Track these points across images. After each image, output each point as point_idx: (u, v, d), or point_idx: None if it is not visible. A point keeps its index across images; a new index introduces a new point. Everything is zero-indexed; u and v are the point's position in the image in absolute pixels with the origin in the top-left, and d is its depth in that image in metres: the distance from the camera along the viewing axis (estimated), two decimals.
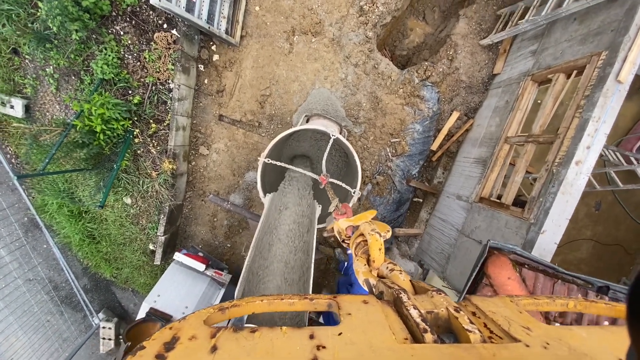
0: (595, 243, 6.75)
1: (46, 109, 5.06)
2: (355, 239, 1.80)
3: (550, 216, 3.64)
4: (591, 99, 3.60)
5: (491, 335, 0.86)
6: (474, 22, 5.69)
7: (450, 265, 5.12)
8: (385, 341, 0.78)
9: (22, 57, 4.86)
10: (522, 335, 0.83)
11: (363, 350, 0.74)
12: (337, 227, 2.16)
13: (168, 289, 4.61)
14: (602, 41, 3.74)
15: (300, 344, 0.74)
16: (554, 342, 0.81)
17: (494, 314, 0.94)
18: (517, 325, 0.88)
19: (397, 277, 1.28)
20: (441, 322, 0.94)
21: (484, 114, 5.61)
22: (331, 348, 0.73)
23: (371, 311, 0.93)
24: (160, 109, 4.93)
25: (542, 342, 0.80)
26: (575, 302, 1.09)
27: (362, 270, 1.52)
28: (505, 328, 0.87)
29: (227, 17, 4.86)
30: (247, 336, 0.77)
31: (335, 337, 0.78)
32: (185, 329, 0.78)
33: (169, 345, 0.72)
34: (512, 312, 0.97)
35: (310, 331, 0.79)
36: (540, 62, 4.66)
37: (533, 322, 0.91)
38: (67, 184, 5.25)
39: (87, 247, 5.72)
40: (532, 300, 1.07)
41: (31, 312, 5.65)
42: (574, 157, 3.57)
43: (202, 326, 0.80)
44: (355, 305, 0.95)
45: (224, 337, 0.76)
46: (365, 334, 0.80)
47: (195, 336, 0.76)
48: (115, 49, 4.57)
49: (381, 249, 1.52)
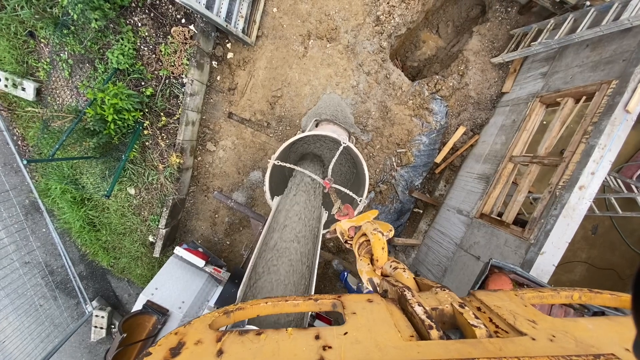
0: (590, 266, 6.83)
1: (57, 94, 5.07)
2: (358, 239, 1.81)
3: (550, 238, 3.70)
4: (599, 126, 3.66)
5: (497, 329, 0.86)
6: (486, 39, 5.76)
7: (447, 278, 5.16)
8: (391, 339, 0.78)
9: (38, 41, 4.87)
10: (527, 328, 0.83)
11: (369, 348, 0.74)
12: (339, 228, 2.15)
13: (166, 283, 4.61)
14: (613, 70, 3.81)
15: (306, 345, 0.74)
16: (560, 334, 0.81)
17: (499, 309, 0.94)
18: (522, 319, 0.88)
19: (401, 275, 1.28)
20: (446, 319, 0.95)
21: (490, 131, 5.67)
22: (337, 348, 0.73)
23: (376, 310, 0.93)
24: (172, 102, 4.95)
25: (548, 335, 0.80)
26: (580, 294, 1.08)
27: (365, 269, 1.53)
28: (510, 322, 0.87)
29: (245, 17, 4.90)
30: (252, 339, 0.76)
31: (341, 336, 0.78)
32: (191, 334, 0.78)
33: (175, 350, 0.72)
34: (517, 305, 0.96)
35: (315, 332, 0.79)
36: (550, 84, 4.73)
37: (538, 315, 0.90)
38: (72, 170, 5.25)
39: (87, 234, 5.71)
40: (537, 293, 1.07)
41: (25, 295, 5.63)
42: (578, 182, 3.63)
43: (208, 330, 0.80)
44: (360, 305, 0.95)
45: (229, 341, 0.76)
46: (371, 333, 0.80)
47: (201, 340, 0.76)
48: (132, 40, 4.60)
49: (384, 248, 1.52)
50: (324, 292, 6.25)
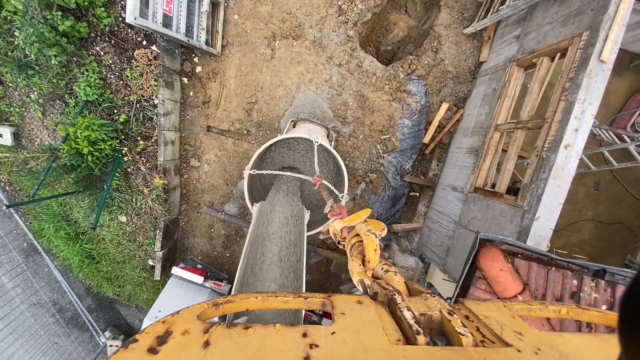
0: (597, 223, 6.67)
1: (34, 134, 5.09)
2: (351, 239, 1.80)
3: (543, 202, 3.60)
4: (575, 81, 3.55)
5: (483, 339, 0.87)
6: (455, 11, 5.63)
7: (450, 257, 5.09)
8: (378, 342, 0.78)
9: (6, 86, 4.89)
10: (514, 340, 0.83)
11: (356, 350, 0.74)
12: (332, 229, 2.14)
13: (169, 304, 4.63)
14: (583, 21, 3.68)
15: (293, 342, 0.74)
16: (545, 347, 0.81)
17: (487, 318, 0.95)
18: (509, 330, 0.88)
19: (392, 278, 1.28)
20: (434, 325, 0.95)
21: (473, 103, 5.56)
22: (324, 347, 0.73)
23: (365, 311, 0.93)
24: (147, 125, 4.93)
25: (533, 348, 0.80)
26: (568, 309, 1.09)
27: (357, 270, 1.52)
28: (497, 332, 0.87)
29: (206, 28, 4.85)
30: (240, 332, 0.76)
31: (329, 336, 0.78)
32: (179, 324, 0.78)
33: (161, 339, 0.72)
34: (505, 316, 0.97)
35: (303, 329, 0.79)
36: (524, 46, 4.61)
37: (525, 328, 0.91)
38: (62, 207, 5.28)
39: (87, 267, 5.75)
40: (525, 305, 1.08)
41: (37, 336, 5.70)
42: (563, 140, 3.53)
43: (196, 321, 0.80)
44: (350, 305, 0.95)
45: (217, 333, 0.76)
46: (359, 334, 0.80)
47: (188, 331, 0.76)
48: (97, 70, 4.58)
49: (376, 250, 1.52)
50: (330, 289, 6.21)
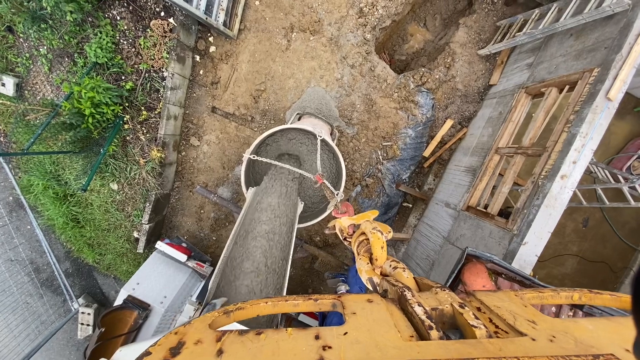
0: (581, 259, 6.77)
1: (37, 89, 5.02)
2: (357, 237, 1.80)
3: (532, 228, 3.65)
4: (580, 114, 3.61)
5: (497, 330, 0.86)
6: (473, 31, 5.70)
7: (434, 271, 5.12)
8: (391, 339, 0.78)
9: (17, 36, 4.82)
10: (527, 329, 0.83)
11: (369, 349, 0.74)
12: (339, 225, 2.18)
13: (148, 278, 4.58)
14: (596, 58, 3.75)
15: (306, 345, 0.75)
16: (560, 335, 0.81)
17: (499, 309, 0.94)
18: (522, 319, 0.88)
19: (401, 274, 1.28)
20: (446, 319, 0.95)
21: (477, 123, 5.62)
22: (337, 348, 0.74)
23: (376, 310, 0.94)
24: (153, 96, 4.90)
25: (548, 336, 0.80)
26: (580, 294, 1.08)
27: (365, 268, 1.52)
28: (510, 322, 0.87)
29: (226, 10, 4.84)
30: (252, 338, 0.77)
31: (341, 336, 0.78)
32: (191, 334, 0.78)
33: (174, 350, 0.72)
34: (517, 306, 0.97)
35: (315, 331, 0.79)
36: (535, 75, 4.67)
37: (538, 316, 0.91)
38: (54, 165, 5.21)
39: (71, 230, 5.67)
40: (537, 293, 1.07)
41: (10, 292, 5.60)
42: (560, 171, 3.58)
43: (207, 330, 0.80)
44: (360, 305, 0.96)
45: (229, 340, 0.76)
46: (371, 333, 0.80)
47: (201, 340, 0.76)
48: (111, 34, 4.55)
49: (383, 247, 1.51)
50: (311, 287, 6.21)
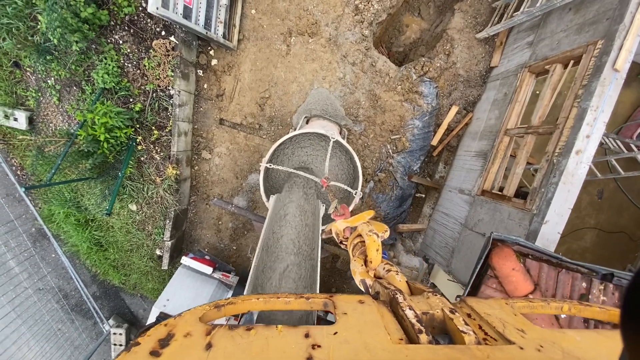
0: (599, 231, 6.75)
1: (49, 120, 5.12)
2: (353, 239, 1.80)
3: (552, 206, 3.66)
4: (589, 88, 3.62)
5: (486, 337, 0.87)
6: (469, 15, 5.70)
7: (455, 258, 5.15)
8: (381, 341, 0.78)
9: (24, 70, 4.92)
10: (516, 337, 0.84)
11: (358, 349, 0.74)
12: (334, 229, 2.14)
13: (177, 293, 4.66)
14: (598, 30, 3.75)
15: (296, 343, 0.74)
16: (547, 345, 0.82)
17: (489, 316, 0.95)
18: (511, 328, 0.89)
19: (394, 277, 1.29)
20: (436, 323, 0.95)
21: (482, 107, 5.63)
22: (326, 347, 0.73)
23: (367, 311, 0.94)
24: (162, 115, 4.98)
25: (536, 345, 0.81)
26: (570, 306, 1.09)
27: (359, 270, 1.53)
28: (499, 330, 0.87)
29: (224, 22, 4.90)
30: (242, 334, 0.76)
31: (331, 336, 0.78)
32: (181, 326, 0.78)
33: (163, 341, 0.72)
34: (507, 314, 0.97)
35: (305, 330, 0.79)
36: (537, 53, 4.67)
37: (528, 325, 0.91)
38: (73, 193, 5.32)
39: (95, 254, 5.79)
40: (527, 303, 1.08)
41: (42, 321, 5.73)
42: (574, 146, 3.59)
43: (198, 323, 0.80)
44: (352, 305, 0.96)
45: (219, 335, 0.75)
46: (361, 334, 0.80)
47: (191, 333, 0.76)
48: (115, 58, 4.62)
49: (379, 250, 1.52)
50: (335, 286, 6.27)
